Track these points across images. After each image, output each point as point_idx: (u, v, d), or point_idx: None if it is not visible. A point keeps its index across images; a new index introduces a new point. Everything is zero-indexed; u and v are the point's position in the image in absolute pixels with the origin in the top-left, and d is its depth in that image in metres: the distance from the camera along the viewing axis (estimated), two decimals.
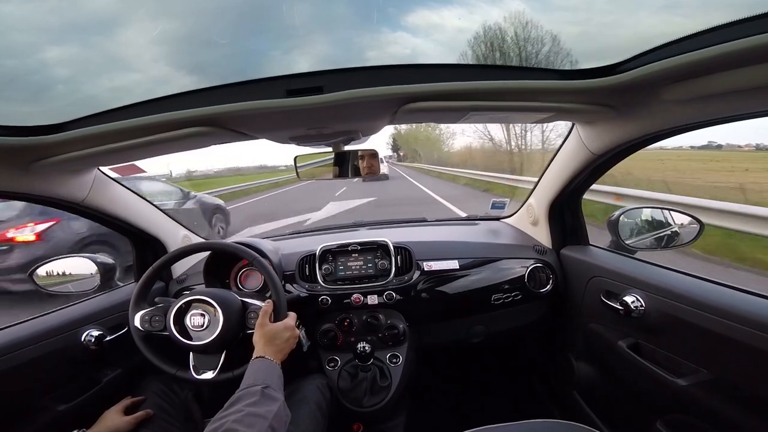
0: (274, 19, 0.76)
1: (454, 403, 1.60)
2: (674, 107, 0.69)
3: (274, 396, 0.72)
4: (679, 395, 0.81)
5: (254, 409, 0.67)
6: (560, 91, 0.69)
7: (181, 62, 0.92)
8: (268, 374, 0.77)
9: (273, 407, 0.69)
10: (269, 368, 0.79)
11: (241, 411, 0.66)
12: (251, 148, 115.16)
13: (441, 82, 0.65)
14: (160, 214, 1.32)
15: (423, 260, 1.26)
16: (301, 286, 1.24)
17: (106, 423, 0.89)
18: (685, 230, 1.07)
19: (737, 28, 0.48)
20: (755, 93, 0.56)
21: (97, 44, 0.90)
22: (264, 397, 0.70)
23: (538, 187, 1.31)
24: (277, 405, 0.71)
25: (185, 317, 0.91)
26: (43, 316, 1.00)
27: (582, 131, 0.97)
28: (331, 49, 0.92)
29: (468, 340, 1.34)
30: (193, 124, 0.70)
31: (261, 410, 0.67)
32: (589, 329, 1.13)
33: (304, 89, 0.65)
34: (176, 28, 0.86)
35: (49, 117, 0.71)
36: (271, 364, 0.80)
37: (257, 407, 0.68)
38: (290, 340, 0.88)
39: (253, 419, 0.65)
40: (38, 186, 0.88)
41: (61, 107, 0.71)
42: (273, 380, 0.76)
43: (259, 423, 0.65)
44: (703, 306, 0.77)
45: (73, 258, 1.20)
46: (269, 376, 0.76)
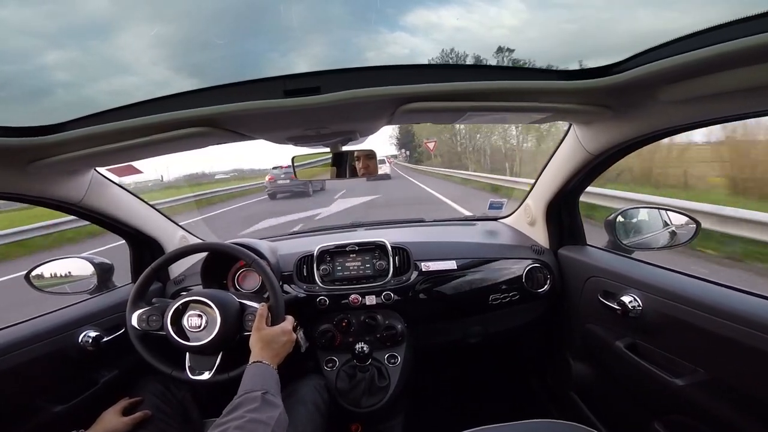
0: (272, 21, 0.76)
1: (452, 404, 1.60)
2: (671, 107, 0.69)
3: (274, 402, 0.72)
4: (676, 395, 0.82)
5: (256, 416, 0.67)
6: (558, 91, 0.69)
7: (179, 65, 0.92)
8: (266, 379, 0.76)
9: (274, 413, 0.69)
10: (267, 373, 0.78)
11: (243, 417, 0.66)
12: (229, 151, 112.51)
13: (439, 83, 0.65)
14: (157, 215, 1.32)
15: (421, 261, 1.26)
16: (299, 286, 1.24)
17: (104, 424, 0.89)
18: (682, 230, 1.08)
19: (734, 28, 0.48)
20: (752, 93, 0.56)
21: (95, 48, 0.90)
22: (265, 403, 0.70)
23: (536, 187, 1.31)
24: (278, 411, 0.71)
25: (183, 318, 0.91)
26: (40, 317, 0.99)
27: (579, 131, 0.97)
28: (329, 50, 0.92)
29: (466, 341, 1.34)
30: (191, 124, 0.70)
31: (263, 416, 0.67)
32: (587, 329, 1.13)
33: (302, 89, 0.65)
34: (173, 31, 0.86)
35: (47, 118, 0.71)
36: (268, 369, 0.79)
37: (259, 413, 0.67)
38: (287, 345, 0.88)
39: (256, 425, 0.65)
40: (35, 187, 0.88)
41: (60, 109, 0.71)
42: (271, 385, 0.76)
43: (261, 429, 0.65)
44: (701, 306, 0.77)
45: (71, 259, 1.19)
46: (267, 381, 0.76)
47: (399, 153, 48.88)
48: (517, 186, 8.90)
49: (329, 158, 1.04)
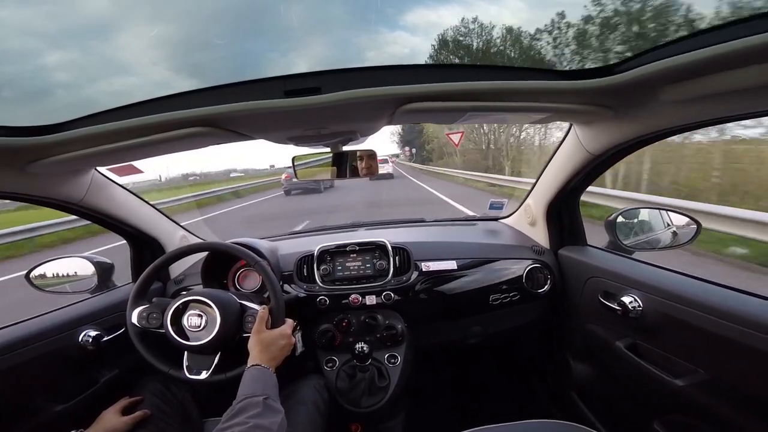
0: (272, 21, 0.76)
1: (452, 404, 1.60)
2: (672, 107, 0.69)
3: (276, 407, 0.72)
4: (676, 395, 0.82)
5: (259, 421, 0.67)
6: (558, 91, 0.69)
7: (179, 65, 0.93)
8: (266, 384, 0.77)
9: (277, 419, 0.70)
10: (266, 377, 0.79)
11: (247, 423, 0.66)
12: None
13: (439, 83, 0.65)
14: (157, 215, 1.32)
15: (421, 261, 1.26)
16: (299, 286, 1.24)
17: (104, 424, 0.89)
18: (682, 231, 1.08)
19: (735, 28, 0.48)
20: (754, 93, 0.56)
21: (95, 49, 0.90)
22: (267, 408, 0.70)
23: (536, 187, 1.31)
24: (280, 416, 0.71)
25: (183, 317, 0.91)
26: (40, 317, 1.00)
27: (580, 132, 0.97)
28: (329, 50, 0.92)
29: (466, 341, 1.34)
30: (191, 124, 0.70)
31: (266, 422, 0.68)
32: (587, 329, 1.13)
33: (302, 90, 0.65)
34: (173, 31, 0.86)
35: (48, 118, 0.71)
36: (266, 372, 0.80)
37: (261, 419, 0.68)
38: (285, 348, 0.88)
39: (259, 431, 0.66)
40: (35, 186, 0.88)
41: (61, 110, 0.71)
42: (271, 390, 0.76)
43: None
44: (701, 306, 0.77)
45: (71, 258, 1.19)
46: (268, 386, 0.76)
47: (401, 152, 45.44)
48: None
49: (329, 158, 1.04)
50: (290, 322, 0.93)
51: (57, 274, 1.17)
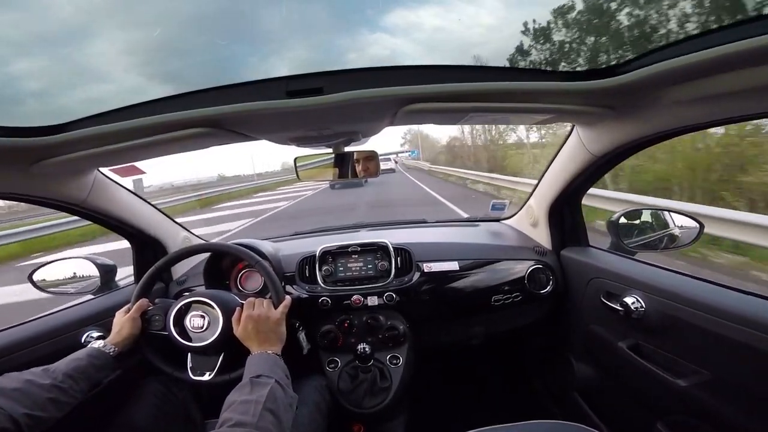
0: (249, 25, 0.76)
1: (454, 404, 1.60)
2: (675, 108, 0.69)
3: (264, 382, 0.72)
4: (679, 396, 0.81)
5: (246, 397, 0.68)
6: (561, 92, 0.69)
7: (152, 71, 0.92)
8: (259, 366, 0.77)
9: (264, 391, 0.69)
10: (260, 360, 0.79)
11: (234, 402, 0.67)
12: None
13: (441, 84, 0.65)
14: (160, 216, 1.32)
15: (423, 261, 1.25)
16: (301, 287, 1.24)
17: (122, 333, 0.91)
18: (685, 232, 1.07)
19: (739, 29, 0.48)
20: (758, 94, 0.56)
21: (67, 56, 0.90)
22: (254, 385, 0.71)
23: (538, 188, 1.31)
24: (268, 388, 0.70)
25: (185, 318, 0.91)
26: (43, 318, 1.00)
27: (582, 132, 0.97)
28: (309, 53, 0.92)
29: (468, 341, 1.34)
30: (194, 125, 0.70)
31: (252, 396, 0.68)
32: (590, 330, 1.13)
33: (305, 90, 0.65)
34: (146, 37, 0.86)
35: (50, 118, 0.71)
36: (261, 355, 0.80)
37: (248, 395, 0.68)
38: (274, 327, 0.88)
39: (246, 406, 0.66)
40: (38, 187, 0.88)
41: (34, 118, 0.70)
42: (264, 369, 0.76)
43: (252, 408, 0.65)
44: (704, 307, 0.77)
45: (74, 259, 1.20)
46: (260, 367, 0.77)
47: (403, 151, 46.36)
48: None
49: (332, 159, 1.05)
50: (282, 307, 0.93)
51: (60, 276, 1.17)
